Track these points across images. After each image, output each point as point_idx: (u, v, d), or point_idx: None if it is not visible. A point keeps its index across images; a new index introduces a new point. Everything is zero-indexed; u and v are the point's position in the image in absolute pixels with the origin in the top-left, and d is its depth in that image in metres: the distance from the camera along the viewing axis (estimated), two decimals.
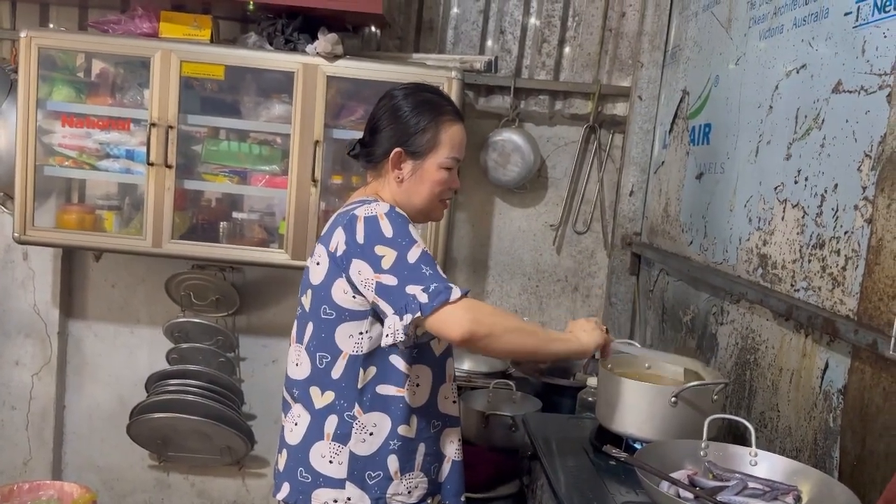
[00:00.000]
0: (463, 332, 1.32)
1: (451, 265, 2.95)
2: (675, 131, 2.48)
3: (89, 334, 2.98)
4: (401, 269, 1.36)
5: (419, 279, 1.35)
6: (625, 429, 1.59)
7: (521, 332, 1.41)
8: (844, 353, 1.43)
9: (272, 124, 2.53)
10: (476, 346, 1.36)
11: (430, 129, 1.53)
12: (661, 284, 2.51)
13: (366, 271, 1.39)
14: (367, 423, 1.47)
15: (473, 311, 1.34)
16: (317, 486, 1.48)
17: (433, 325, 1.34)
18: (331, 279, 1.45)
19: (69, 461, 3.05)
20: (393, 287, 1.36)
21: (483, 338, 1.34)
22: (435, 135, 1.53)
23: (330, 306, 1.46)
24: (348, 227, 1.43)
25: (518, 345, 1.42)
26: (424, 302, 1.32)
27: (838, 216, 1.49)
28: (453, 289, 1.34)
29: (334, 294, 1.45)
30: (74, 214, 2.63)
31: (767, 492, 1.26)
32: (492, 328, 1.35)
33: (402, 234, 1.40)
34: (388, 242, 1.39)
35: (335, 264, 1.44)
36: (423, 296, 1.33)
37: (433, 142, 1.53)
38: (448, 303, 1.33)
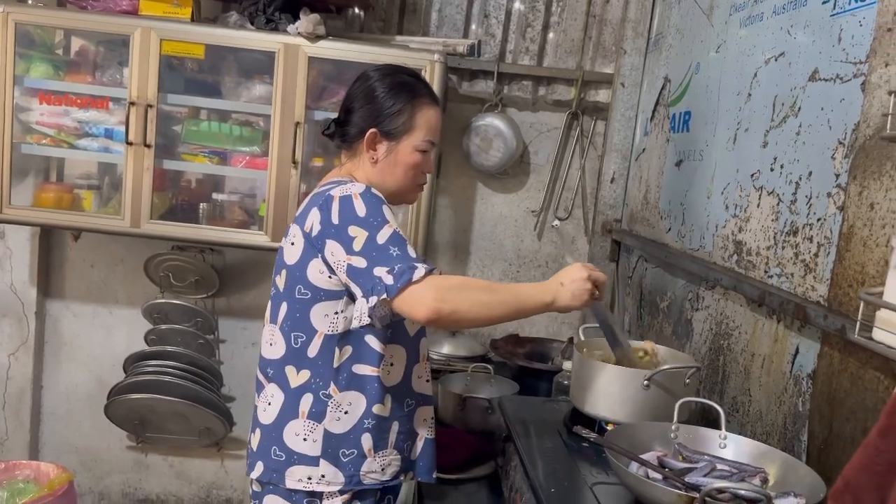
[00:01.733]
0: (427, 311, 1.30)
1: (433, 250, 2.95)
2: (657, 118, 2.49)
3: (67, 314, 2.96)
4: (370, 251, 1.36)
5: (386, 260, 1.35)
6: (597, 411, 1.60)
7: (490, 304, 1.37)
8: (814, 339, 1.45)
9: (253, 105, 2.51)
10: (444, 323, 1.36)
11: (406, 111, 1.53)
12: (640, 271, 2.53)
13: (338, 252, 1.39)
14: (343, 401, 1.48)
15: (437, 290, 1.32)
16: (291, 464, 1.49)
17: (399, 306, 1.33)
18: (306, 259, 1.45)
19: (46, 441, 3.03)
20: (362, 269, 1.36)
21: (450, 314, 1.32)
22: (410, 117, 1.54)
23: (305, 286, 1.46)
24: (323, 207, 1.43)
25: (488, 315, 1.38)
26: (389, 283, 1.32)
27: (812, 203, 1.50)
28: (417, 268, 1.33)
29: (309, 274, 1.45)
30: (52, 193, 2.60)
31: (735, 473, 1.27)
32: (456, 304, 1.32)
33: (375, 213, 1.40)
34: (361, 222, 1.38)
35: (310, 244, 1.44)
36: (388, 277, 1.32)
37: (409, 124, 1.54)
38: (412, 283, 1.31)
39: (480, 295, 1.37)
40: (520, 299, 1.41)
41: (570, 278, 1.44)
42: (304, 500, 1.50)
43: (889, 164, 1.26)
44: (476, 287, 1.40)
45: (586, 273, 1.45)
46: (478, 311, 1.36)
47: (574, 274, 1.44)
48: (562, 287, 1.43)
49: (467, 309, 1.34)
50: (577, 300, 1.43)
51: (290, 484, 1.49)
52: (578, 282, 1.43)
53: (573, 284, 1.43)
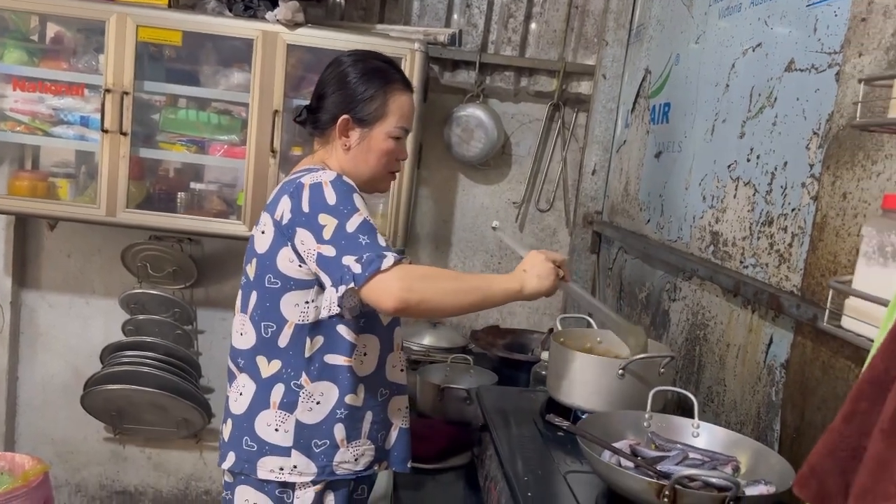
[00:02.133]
0: (395, 301, 1.29)
1: (414, 241, 2.94)
2: (637, 110, 2.49)
3: (43, 304, 2.93)
4: (339, 239, 1.34)
5: (355, 249, 1.33)
6: (573, 400, 1.60)
7: (458, 292, 1.37)
8: (788, 328, 1.46)
9: (231, 93, 2.49)
10: (412, 313, 1.35)
11: (379, 97, 1.52)
12: (620, 262, 2.53)
13: (308, 241, 1.38)
14: (314, 392, 1.47)
15: (405, 279, 1.30)
16: (262, 455, 1.48)
17: (367, 295, 1.31)
18: (276, 248, 1.43)
19: (22, 433, 3.00)
20: (331, 258, 1.34)
21: (417, 304, 1.31)
22: (383, 103, 1.52)
23: (275, 275, 1.44)
24: (294, 195, 1.41)
25: (455, 306, 1.38)
26: (357, 272, 1.30)
27: (787, 194, 1.51)
28: (386, 256, 1.31)
29: (279, 263, 1.43)
30: (27, 181, 2.56)
31: (707, 462, 1.28)
32: (424, 293, 1.32)
33: (345, 202, 1.38)
34: (331, 210, 1.37)
35: (280, 233, 1.43)
36: (356, 266, 1.31)
37: (382, 110, 1.52)
38: (380, 271, 1.30)
39: (448, 284, 1.37)
40: (488, 288, 1.41)
41: (531, 264, 1.46)
42: (276, 490, 1.49)
43: (861, 154, 1.27)
44: (444, 276, 1.39)
45: (543, 255, 1.48)
46: (446, 301, 1.35)
47: (534, 259, 1.47)
48: (526, 273, 1.45)
49: (435, 298, 1.33)
50: (545, 281, 1.45)
51: (262, 474, 1.48)
52: (540, 265, 1.45)
53: (536, 269, 1.45)
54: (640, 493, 1.11)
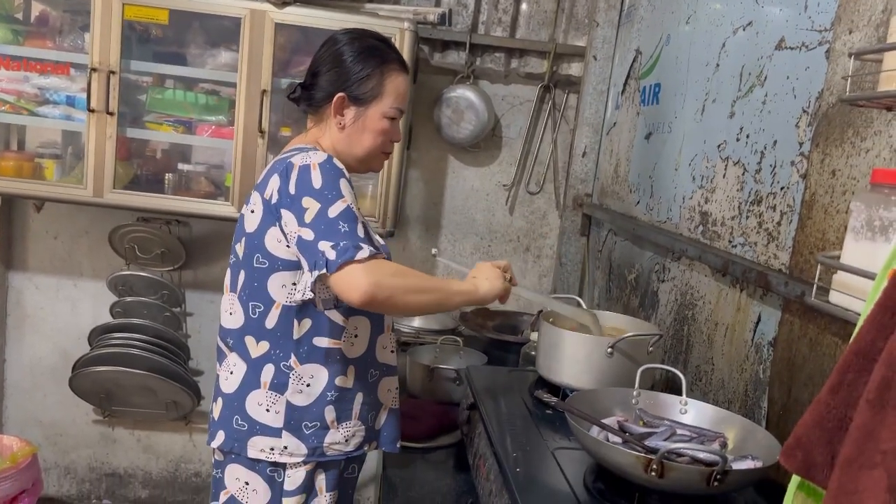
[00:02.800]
0: (361, 294, 1.28)
1: (404, 223, 2.93)
2: (628, 92, 2.48)
3: (30, 286, 2.91)
4: (319, 224, 1.33)
5: (333, 235, 1.32)
6: (562, 379, 1.61)
7: (422, 292, 1.39)
8: (776, 307, 1.46)
9: (219, 72, 2.46)
10: (376, 308, 1.37)
11: (376, 76, 1.51)
12: (609, 244, 2.53)
13: (291, 223, 1.37)
14: (304, 374, 1.46)
15: (375, 275, 1.29)
16: (253, 434, 1.47)
17: (336, 284, 1.30)
18: (264, 227, 1.42)
19: (10, 416, 2.99)
20: (309, 242, 1.33)
21: (384, 301, 1.31)
22: (380, 82, 1.51)
23: (263, 255, 1.43)
24: (283, 174, 1.40)
25: (419, 305, 1.41)
26: (331, 259, 1.29)
27: (776, 172, 1.51)
28: (362, 248, 1.30)
29: (267, 243, 1.42)
30: (13, 162, 2.53)
31: (695, 438, 1.28)
32: (392, 291, 1.32)
33: (331, 186, 1.37)
34: (315, 194, 1.36)
35: (269, 212, 1.42)
36: (331, 252, 1.30)
37: (378, 90, 1.51)
38: (353, 261, 1.29)
39: (416, 282, 1.39)
40: (447, 290, 1.46)
41: (479, 271, 1.53)
42: (267, 469, 1.48)
43: (850, 131, 1.27)
44: (411, 276, 1.39)
45: (489, 264, 1.55)
46: (410, 299, 1.37)
47: (481, 267, 1.54)
48: (476, 279, 1.50)
49: (401, 296, 1.34)
50: (496, 282, 1.50)
51: (252, 454, 1.47)
52: (487, 270, 1.52)
53: (484, 273, 1.51)
54: (627, 468, 1.11)
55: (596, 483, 1.23)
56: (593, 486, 1.22)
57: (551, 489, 1.23)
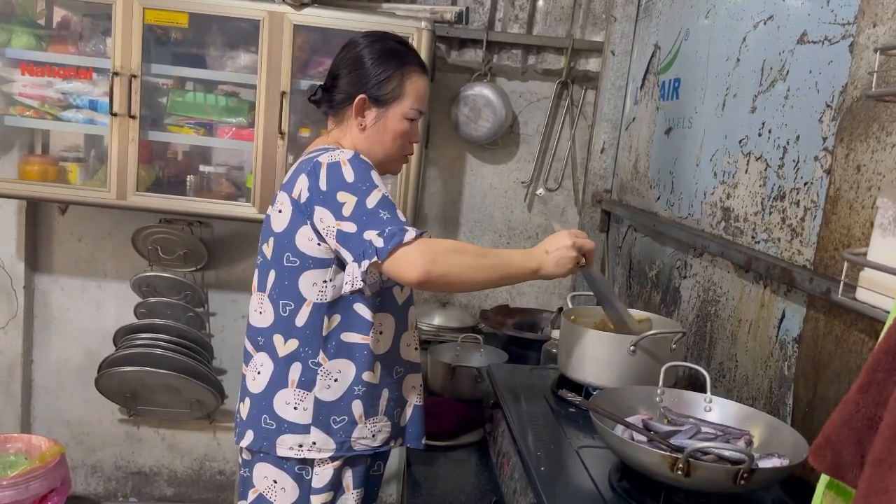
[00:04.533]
0: (419, 273, 1.29)
1: (423, 222, 2.94)
2: (646, 87, 2.47)
3: (56, 288, 2.95)
4: (360, 215, 1.35)
5: (376, 224, 1.33)
6: (584, 377, 1.61)
7: (481, 268, 1.36)
8: (800, 303, 1.45)
9: (238, 74, 2.48)
10: (434, 286, 1.35)
11: (396, 77, 1.52)
12: (629, 241, 2.52)
13: (327, 219, 1.38)
14: (332, 369, 1.48)
15: (429, 252, 1.30)
16: (281, 433, 1.49)
17: (390, 268, 1.31)
18: (294, 226, 1.44)
19: (38, 415, 3.03)
20: (352, 234, 1.34)
21: (440, 277, 1.31)
22: (400, 84, 1.53)
23: (293, 254, 1.45)
24: (311, 173, 1.41)
25: (477, 279, 1.37)
26: (380, 246, 1.30)
27: (799, 168, 1.50)
28: (408, 231, 1.32)
29: (298, 241, 1.44)
30: (37, 166, 2.57)
31: (720, 436, 1.28)
32: (448, 267, 1.32)
33: (364, 178, 1.39)
34: (349, 188, 1.37)
35: (299, 211, 1.43)
36: (378, 240, 1.31)
37: (398, 91, 1.53)
38: (402, 244, 1.30)
39: (471, 259, 1.36)
40: (508, 265, 1.39)
41: (554, 246, 1.43)
42: (296, 466, 1.50)
43: (875, 126, 1.26)
44: (466, 251, 1.38)
45: (571, 241, 1.43)
46: (468, 275, 1.35)
47: (559, 242, 1.43)
48: (546, 255, 1.42)
49: (458, 272, 1.33)
50: (561, 268, 1.42)
51: (282, 452, 1.49)
52: (562, 250, 1.42)
53: (557, 253, 1.42)
54: (653, 467, 1.11)
55: (621, 482, 1.23)
56: (618, 485, 1.22)
57: (576, 487, 1.24)
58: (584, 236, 1.47)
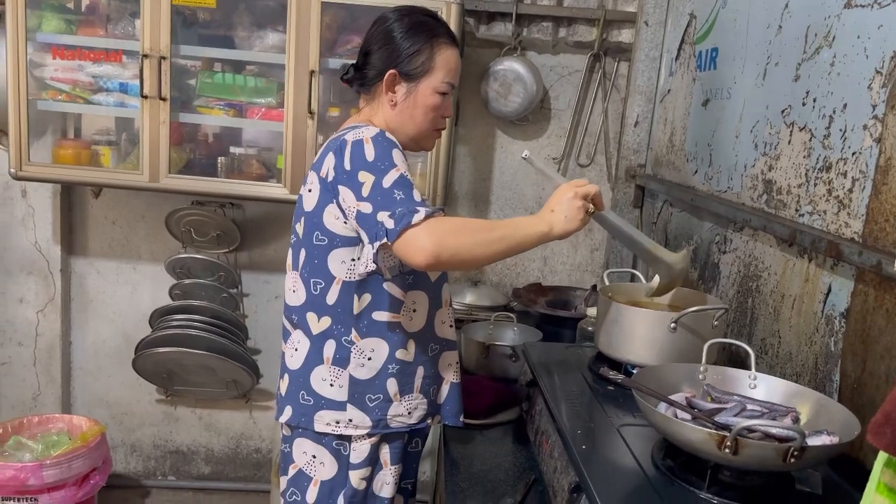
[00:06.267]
0: (426, 256, 1.27)
1: (453, 200, 2.92)
2: (682, 57, 2.41)
3: (91, 271, 2.98)
4: (375, 196, 1.33)
5: (389, 204, 1.31)
6: (623, 355, 1.58)
7: (491, 242, 1.32)
8: (848, 277, 1.41)
9: (266, 54, 2.47)
10: (445, 266, 1.35)
11: (425, 50, 1.50)
12: (665, 216, 2.48)
13: (349, 199, 1.37)
14: (366, 348, 1.48)
15: (437, 234, 1.28)
16: (319, 409, 1.50)
17: (399, 250, 1.30)
18: (322, 205, 1.43)
19: (77, 396, 3.09)
20: (368, 214, 1.34)
21: (451, 258, 1.29)
22: (430, 57, 1.50)
23: (322, 233, 1.44)
24: (338, 152, 1.41)
25: (488, 255, 1.34)
26: (390, 228, 1.29)
27: (846, 137, 1.44)
28: (418, 211, 1.29)
29: (326, 220, 1.43)
30: (70, 150, 2.60)
31: (766, 413, 1.25)
32: (457, 248, 1.29)
33: (384, 157, 1.37)
34: (369, 167, 1.36)
35: (326, 190, 1.43)
36: (389, 221, 1.30)
37: (428, 64, 1.50)
38: (411, 226, 1.28)
39: (480, 235, 1.33)
40: (517, 234, 1.35)
41: (558, 202, 1.38)
42: (333, 442, 1.51)
43: None
44: (475, 228, 1.35)
45: (572, 192, 1.38)
46: (478, 252, 1.32)
47: (561, 196, 1.38)
48: (553, 213, 1.37)
49: (467, 250, 1.31)
50: (572, 222, 1.37)
51: (319, 427, 1.50)
52: (566, 202, 1.37)
53: (562, 206, 1.37)
54: (700, 445, 1.09)
55: (665, 460, 1.21)
56: (662, 463, 1.20)
57: (618, 466, 1.22)
58: (585, 183, 1.40)
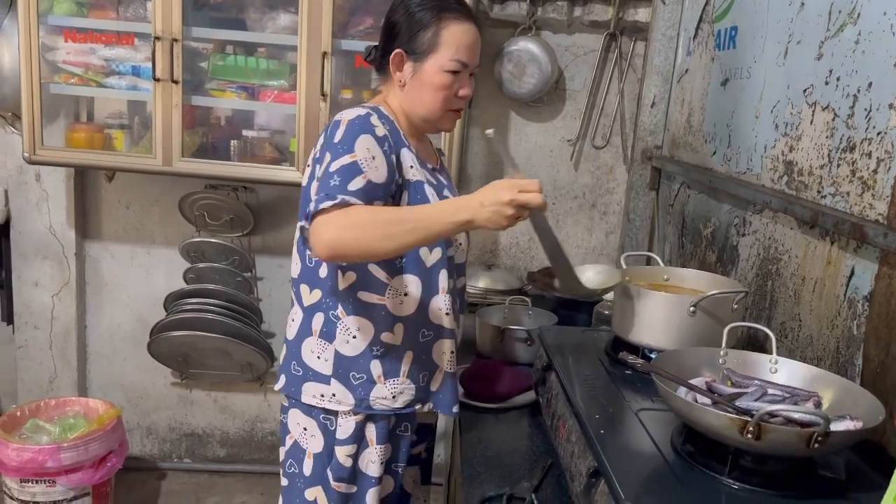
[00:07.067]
0: (324, 248, 1.27)
1: (467, 183, 2.89)
2: (700, 36, 2.37)
3: (106, 255, 2.99)
4: (323, 177, 1.34)
5: (323, 187, 1.32)
6: (641, 339, 1.57)
7: (396, 235, 1.27)
8: (872, 259, 1.38)
9: (278, 36, 2.45)
10: (345, 259, 1.36)
11: (431, 26, 1.45)
12: (682, 198, 2.45)
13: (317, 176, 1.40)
14: (351, 325, 1.48)
15: (338, 227, 1.26)
16: (306, 380, 1.51)
17: (310, 238, 1.31)
18: (310, 181, 1.45)
19: (93, 379, 3.11)
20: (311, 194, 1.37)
21: (350, 252, 1.29)
22: (436, 34, 1.45)
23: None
24: (325, 131, 1.44)
25: (394, 247, 1.30)
26: (308, 210, 1.30)
27: (871, 116, 1.41)
28: (335, 199, 1.27)
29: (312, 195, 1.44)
30: (84, 133, 2.60)
31: (787, 398, 1.23)
32: (357, 243, 1.27)
33: (346, 141, 1.36)
34: (332, 148, 1.37)
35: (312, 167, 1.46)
36: (312, 204, 1.31)
37: (434, 41, 1.45)
38: (319, 212, 1.27)
39: (387, 228, 1.28)
40: (432, 223, 1.28)
41: (489, 200, 1.25)
42: (321, 415, 1.52)
43: None
44: (383, 221, 1.30)
45: (508, 197, 1.24)
46: (383, 245, 1.28)
47: (495, 196, 1.25)
48: (481, 207, 1.25)
49: (368, 245, 1.28)
50: (494, 225, 1.26)
51: (306, 399, 1.51)
52: (496, 206, 1.24)
53: (491, 208, 1.25)
54: (721, 430, 1.07)
55: (684, 445, 1.19)
56: (682, 448, 1.18)
57: (638, 451, 1.20)
58: (534, 187, 1.26)
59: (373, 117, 1.42)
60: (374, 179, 1.35)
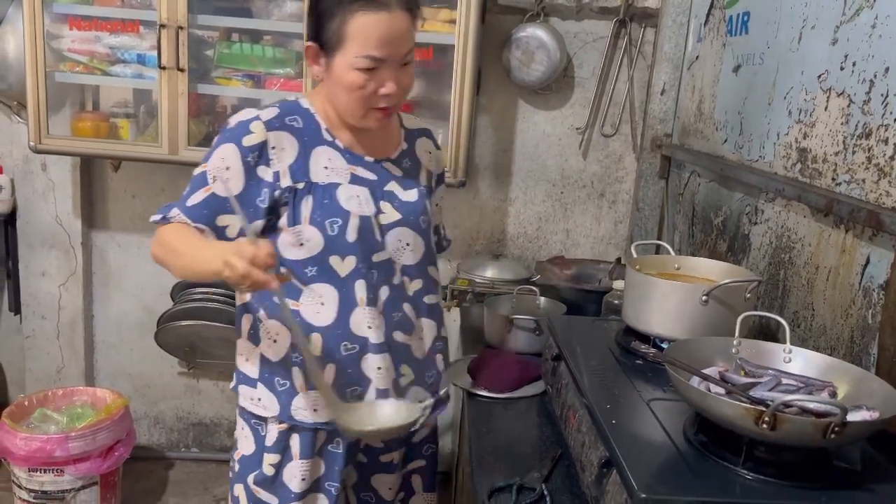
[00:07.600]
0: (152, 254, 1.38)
1: (474, 172, 2.87)
2: (711, 22, 2.34)
3: (112, 245, 2.98)
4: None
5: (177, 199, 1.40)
6: (652, 329, 1.55)
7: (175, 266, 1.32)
8: (888, 247, 1.36)
9: (284, 23, 2.42)
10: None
11: (336, 17, 1.28)
12: (692, 187, 2.42)
13: None
14: (271, 329, 1.43)
15: (155, 240, 1.37)
16: (240, 382, 1.51)
17: None
18: None
19: (101, 369, 3.11)
20: None
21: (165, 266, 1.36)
22: (340, 26, 1.28)
23: None
24: None
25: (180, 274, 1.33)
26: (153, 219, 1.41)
27: (888, 102, 1.38)
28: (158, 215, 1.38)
29: None
30: (89, 122, 2.58)
31: (801, 388, 1.21)
32: (160, 259, 1.36)
33: (212, 149, 1.38)
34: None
35: None
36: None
37: (338, 34, 1.29)
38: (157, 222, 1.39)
39: (170, 256, 1.33)
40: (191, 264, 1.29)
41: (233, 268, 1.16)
42: (252, 420, 1.49)
43: None
44: (168, 247, 1.33)
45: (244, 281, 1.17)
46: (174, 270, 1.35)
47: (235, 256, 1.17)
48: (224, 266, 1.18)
49: (168, 265, 1.35)
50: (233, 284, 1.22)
51: (242, 401, 1.50)
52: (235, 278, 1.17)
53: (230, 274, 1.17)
54: (736, 420, 1.06)
55: (697, 435, 1.18)
56: (695, 438, 1.17)
57: (650, 441, 1.19)
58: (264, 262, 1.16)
59: (255, 123, 1.34)
60: (220, 193, 1.33)
